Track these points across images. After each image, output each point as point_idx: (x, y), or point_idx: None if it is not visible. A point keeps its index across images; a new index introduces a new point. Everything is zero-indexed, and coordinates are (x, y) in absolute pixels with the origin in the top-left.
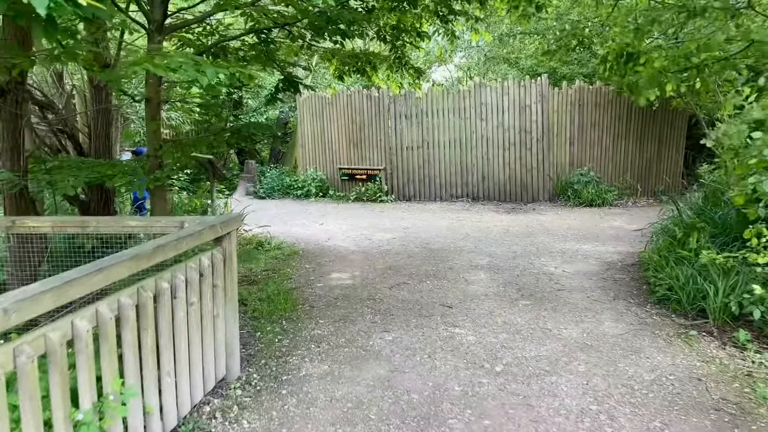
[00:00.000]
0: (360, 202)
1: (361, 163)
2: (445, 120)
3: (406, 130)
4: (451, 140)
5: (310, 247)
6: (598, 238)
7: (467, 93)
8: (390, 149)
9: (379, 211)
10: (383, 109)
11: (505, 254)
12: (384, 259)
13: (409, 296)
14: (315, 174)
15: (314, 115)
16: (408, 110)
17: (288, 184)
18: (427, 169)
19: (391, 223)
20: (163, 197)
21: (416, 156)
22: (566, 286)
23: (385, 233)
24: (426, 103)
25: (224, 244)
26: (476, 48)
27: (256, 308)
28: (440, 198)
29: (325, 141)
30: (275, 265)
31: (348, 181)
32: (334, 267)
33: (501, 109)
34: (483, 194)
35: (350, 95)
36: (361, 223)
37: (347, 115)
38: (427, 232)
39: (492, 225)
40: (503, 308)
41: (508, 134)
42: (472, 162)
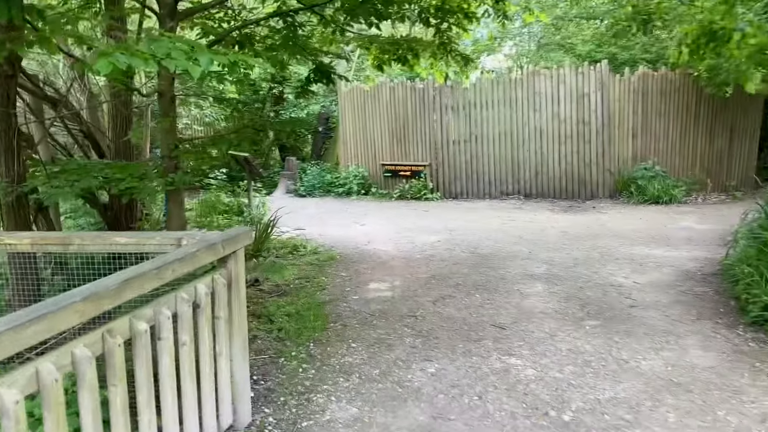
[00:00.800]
0: (403, 201)
1: (404, 158)
2: (495, 112)
3: (453, 124)
4: (502, 133)
5: (348, 251)
6: (669, 241)
7: (519, 82)
8: (435, 144)
9: (424, 210)
10: (428, 102)
11: (565, 261)
12: (427, 266)
13: (455, 313)
14: (357, 171)
15: (356, 109)
16: (454, 102)
17: (329, 182)
18: (475, 165)
19: (436, 223)
20: (180, 203)
21: (463, 151)
22: (639, 302)
23: (429, 235)
24: (474, 94)
25: (229, 265)
26: (528, 34)
27: (283, 326)
28: (489, 195)
29: (367, 136)
30: (310, 272)
31: (391, 177)
32: (372, 275)
33: (556, 99)
34: (536, 191)
35: (393, 87)
36: (404, 223)
37: (390, 108)
38: (475, 235)
39: (548, 226)
40: (567, 330)
41: (564, 126)
42: (524, 156)
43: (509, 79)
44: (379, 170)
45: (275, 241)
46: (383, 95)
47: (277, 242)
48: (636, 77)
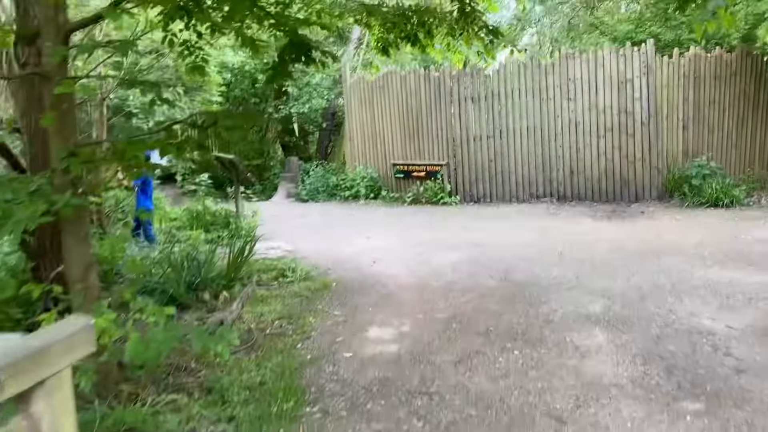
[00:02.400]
0: (417, 206)
1: (418, 157)
2: (522, 102)
3: (473, 117)
4: (530, 127)
5: (347, 276)
6: (750, 259)
7: (550, 67)
8: (453, 140)
9: (441, 217)
10: (445, 92)
11: (626, 292)
12: (446, 300)
13: (487, 386)
14: (365, 172)
15: (363, 102)
16: (475, 92)
17: (334, 185)
18: (500, 164)
19: (455, 235)
20: (83, 237)
21: (486, 148)
22: (746, 363)
23: (448, 252)
24: (497, 81)
25: (35, 408)
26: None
27: (236, 413)
28: (517, 198)
29: (376, 132)
30: (294, 309)
31: (403, 179)
32: (374, 315)
33: (594, 86)
34: (572, 193)
35: (404, 77)
36: (417, 235)
37: (401, 100)
38: (504, 252)
39: (592, 238)
40: (658, 422)
41: (604, 117)
42: (557, 153)
43: (538, 64)
44: (390, 171)
45: (260, 263)
46: (393, 85)
47: (263, 264)
48: (687, 59)
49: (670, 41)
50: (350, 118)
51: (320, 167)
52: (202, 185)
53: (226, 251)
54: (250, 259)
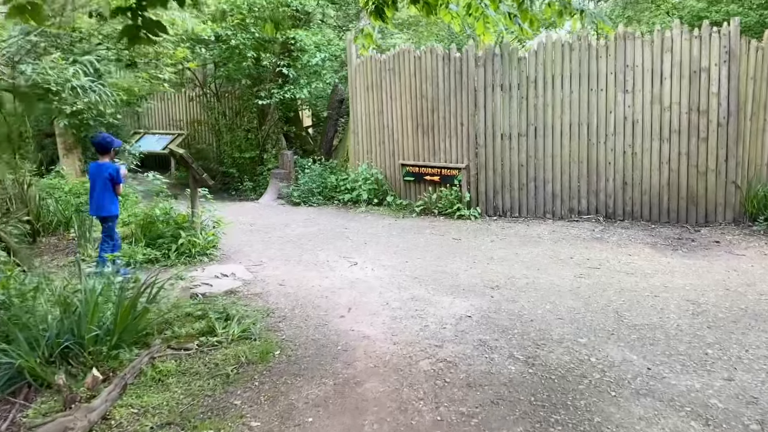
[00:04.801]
0: (428, 217)
1: (432, 158)
2: (565, 92)
3: (502, 109)
4: (574, 124)
5: (303, 335)
6: None
7: (603, 50)
8: (476, 138)
9: (454, 237)
10: (468, 77)
11: (733, 405)
12: (436, 407)
13: None
14: (368, 172)
15: (369, 87)
16: (506, 78)
17: (333, 186)
18: (533, 169)
19: (469, 268)
20: None
21: (516, 148)
22: None
23: (454, 298)
24: (534, 65)
25: None
26: None
27: None
28: (552, 214)
29: (384, 125)
30: (195, 408)
31: (413, 183)
32: (318, 428)
33: (658, 75)
34: (623, 209)
35: (419, 57)
36: (418, 264)
37: (414, 86)
38: (534, 301)
39: (657, 283)
40: None
41: (669, 115)
42: (606, 158)
43: (588, 46)
44: (398, 173)
45: (187, 306)
46: (406, 67)
47: (193, 307)
48: None
49: (752, 24)
50: (354, 107)
51: (318, 164)
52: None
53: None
54: (173, 299)
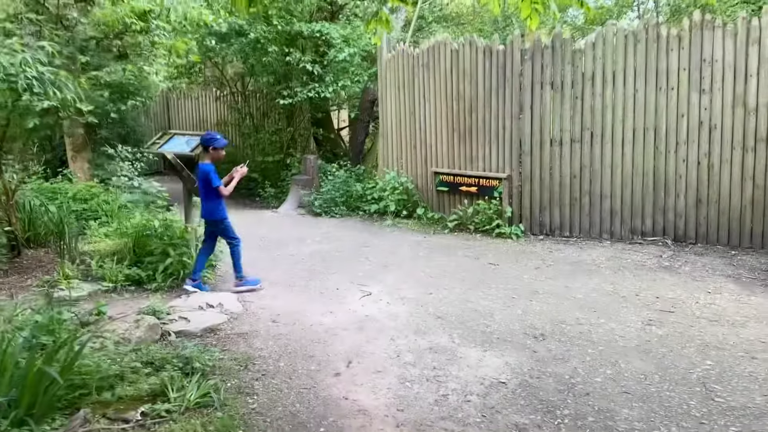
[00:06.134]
0: (461, 235)
1: (469, 166)
2: (629, 91)
3: (552, 111)
4: (638, 129)
5: (282, 400)
6: None
7: (674, 41)
8: (521, 144)
9: (491, 262)
10: (512, 73)
11: None
12: None
13: None
14: (396, 181)
15: (400, 85)
16: (557, 73)
17: (358, 195)
18: (588, 181)
19: (507, 306)
20: None
21: (568, 156)
22: None
23: (484, 355)
24: (592, 59)
25: None
26: None
27: None
28: (611, 235)
29: (415, 128)
30: None
31: (447, 194)
32: None
33: (742, 72)
34: (696, 232)
35: (456, 50)
36: (444, 298)
37: (451, 84)
38: (588, 367)
39: (753, 337)
40: None
41: (755, 120)
42: (677, 170)
43: (656, 36)
44: (431, 181)
45: (145, 353)
46: (441, 62)
47: (155, 357)
48: None
49: None
50: (384, 108)
51: (343, 170)
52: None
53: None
54: (134, 341)
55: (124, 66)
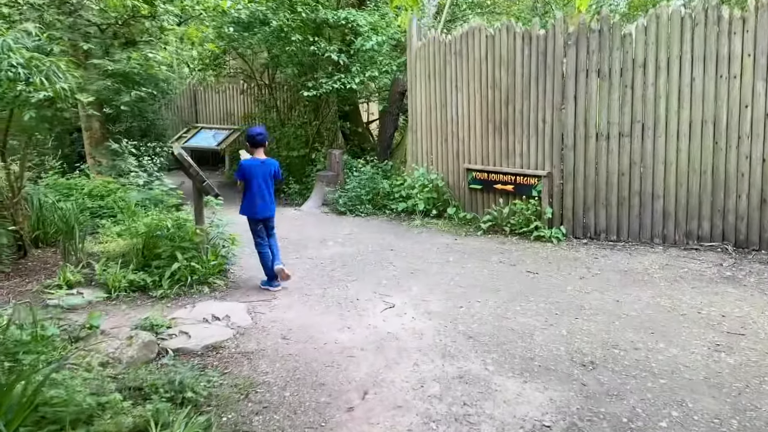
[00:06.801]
0: (496, 238)
1: (505, 162)
2: (684, 79)
3: (598, 101)
4: (696, 121)
5: None
6: None
7: (737, 23)
8: (563, 138)
9: (530, 270)
10: (553, 60)
11: None
12: None
13: None
14: (425, 177)
15: (430, 75)
16: (604, 60)
17: (385, 193)
18: (639, 179)
19: (548, 326)
20: None
21: (616, 152)
22: None
23: (523, 388)
24: (644, 44)
25: None
26: None
27: None
28: (663, 239)
29: (447, 120)
30: None
31: (481, 192)
32: None
33: None
34: (759, 236)
35: (493, 36)
36: (476, 316)
37: (486, 72)
38: (649, 406)
39: None
40: None
41: None
42: (739, 168)
43: (717, 19)
44: (462, 178)
45: (132, 378)
46: (475, 49)
47: (143, 382)
48: None
49: None
50: (413, 99)
51: (369, 166)
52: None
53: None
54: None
55: (129, 54)
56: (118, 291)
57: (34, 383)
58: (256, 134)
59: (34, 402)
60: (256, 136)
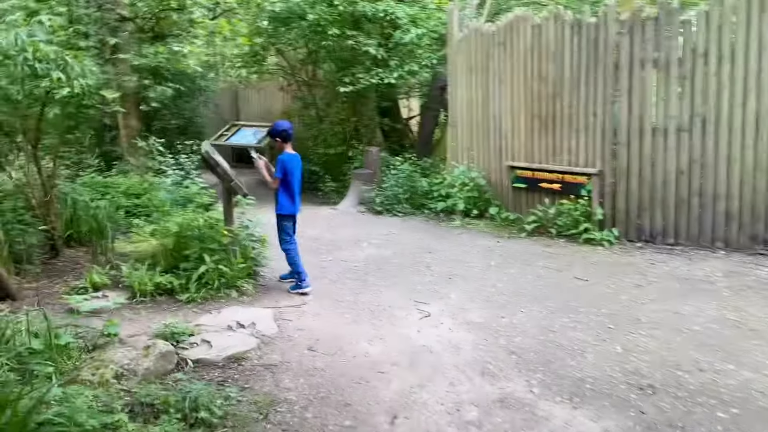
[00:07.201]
0: (542, 240)
1: (552, 159)
2: (750, 70)
3: (654, 94)
4: (762, 116)
5: None
6: None
7: None
8: (615, 133)
9: (578, 276)
10: (605, 50)
11: None
12: None
13: None
14: (466, 176)
15: (472, 68)
16: (661, 49)
17: (423, 191)
18: (699, 179)
19: (600, 342)
20: None
21: (674, 148)
22: None
23: (573, 416)
24: (704, 31)
25: None
26: None
27: None
28: (725, 243)
29: (489, 116)
30: None
31: (525, 191)
32: None
33: None
34: None
35: (540, 26)
36: (519, 328)
37: (531, 65)
38: None
39: None
40: None
41: None
42: None
43: None
44: (505, 177)
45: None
46: (521, 40)
47: (154, 398)
48: None
49: None
50: (454, 94)
51: (407, 164)
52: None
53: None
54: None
55: (156, 48)
56: (143, 294)
57: (32, 400)
58: (288, 128)
59: (27, 425)
60: (288, 129)
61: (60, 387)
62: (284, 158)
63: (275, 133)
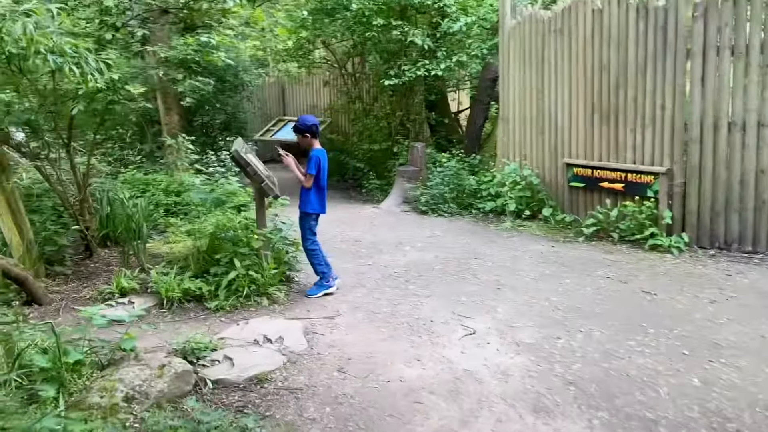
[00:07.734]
0: (602, 246)
1: (614, 156)
2: None
3: (732, 84)
4: None
5: None
6: None
7: None
8: (685, 128)
9: (645, 290)
10: (675, 36)
11: None
12: None
13: None
14: (518, 174)
15: (526, 58)
16: (740, 34)
17: (471, 190)
18: None
19: (675, 371)
20: None
21: (754, 145)
22: None
23: None
24: None
25: None
26: None
27: None
28: None
29: (543, 109)
30: None
31: (584, 191)
32: None
33: None
34: None
35: (600, 10)
36: (578, 352)
37: (591, 53)
38: None
39: None
40: None
41: None
42: None
43: None
44: (561, 175)
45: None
46: (579, 26)
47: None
48: None
49: None
50: (505, 86)
51: (454, 160)
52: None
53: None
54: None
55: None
56: (171, 301)
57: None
58: (316, 122)
59: None
60: (316, 124)
61: (57, 416)
62: (318, 154)
63: (303, 128)
